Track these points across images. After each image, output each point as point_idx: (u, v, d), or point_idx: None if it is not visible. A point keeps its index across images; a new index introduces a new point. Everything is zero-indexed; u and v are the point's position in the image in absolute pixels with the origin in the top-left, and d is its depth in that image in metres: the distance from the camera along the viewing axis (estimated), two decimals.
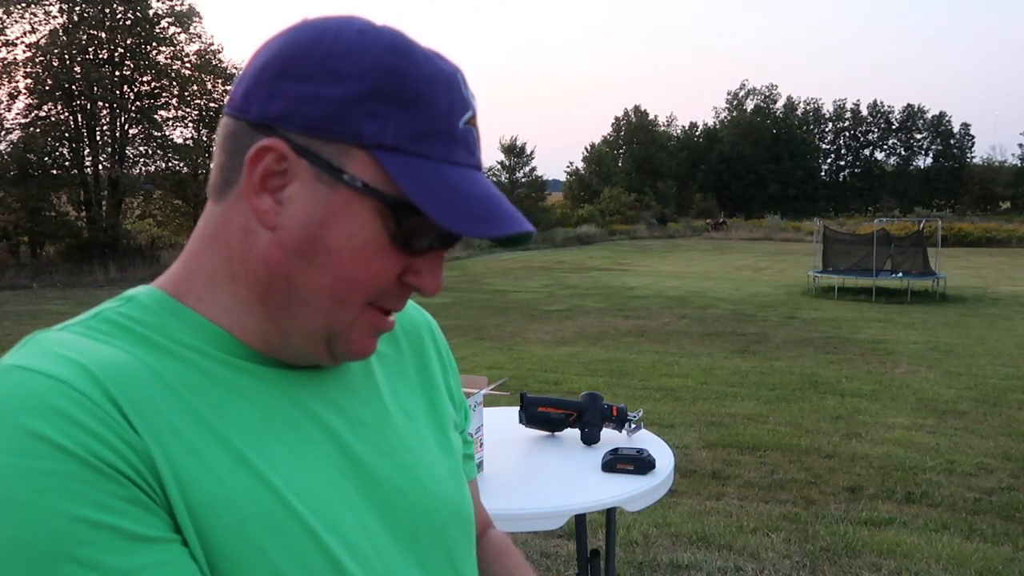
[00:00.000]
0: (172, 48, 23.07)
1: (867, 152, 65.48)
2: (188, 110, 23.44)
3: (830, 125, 66.04)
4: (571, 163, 64.43)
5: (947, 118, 64.00)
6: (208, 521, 0.60)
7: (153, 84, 22.89)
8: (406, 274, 0.68)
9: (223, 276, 0.69)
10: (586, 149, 53.79)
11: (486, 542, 0.97)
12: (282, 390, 0.69)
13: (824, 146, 65.94)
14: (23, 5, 20.82)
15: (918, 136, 64.72)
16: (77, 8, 21.50)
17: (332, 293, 0.66)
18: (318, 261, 0.65)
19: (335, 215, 0.64)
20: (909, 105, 65.51)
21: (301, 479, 0.66)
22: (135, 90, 22.69)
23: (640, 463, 1.99)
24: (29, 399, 0.57)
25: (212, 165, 0.70)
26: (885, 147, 65.26)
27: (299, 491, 0.65)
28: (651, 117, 60.81)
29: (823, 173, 65.30)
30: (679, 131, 64.38)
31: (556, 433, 2.29)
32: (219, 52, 23.97)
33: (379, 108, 0.63)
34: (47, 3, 21.20)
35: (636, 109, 60.10)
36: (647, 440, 2.25)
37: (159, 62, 22.77)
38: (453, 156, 0.66)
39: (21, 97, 21.17)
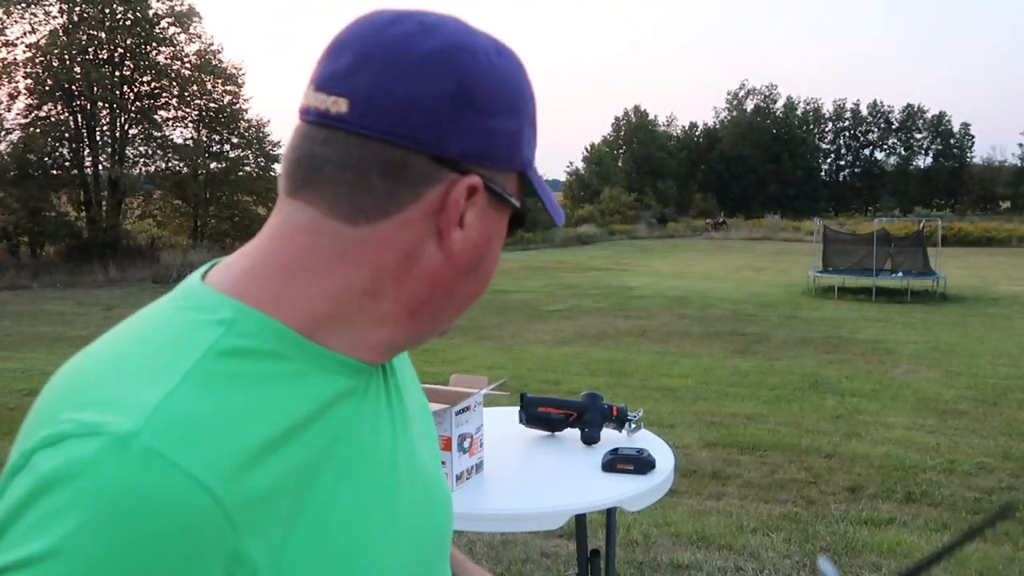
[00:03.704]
0: (172, 48, 23.08)
1: (867, 152, 65.48)
2: (188, 110, 23.45)
3: (830, 125, 66.05)
4: (571, 163, 64.46)
5: (947, 118, 64.01)
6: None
7: (153, 84, 22.90)
8: None
9: (359, 294, 0.65)
10: (586, 149, 53.85)
11: None
12: (373, 423, 0.68)
13: (824, 146, 65.93)
14: (23, 5, 20.83)
15: (918, 136, 64.70)
16: (77, 8, 21.51)
17: (475, 292, 0.73)
18: (480, 273, 0.71)
19: (498, 233, 0.71)
20: (909, 105, 65.50)
21: (374, 522, 0.65)
22: (135, 90, 22.70)
23: (640, 463, 1.99)
24: (163, 515, 0.49)
25: (342, 183, 0.63)
26: (885, 147, 65.26)
27: (371, 541, 0.64)
28: (651, 117, 60.83)
29: (823, 173, 65.29)
30: (679, 131, 64.40)
31: (556, 433, 2.29)
32: (219, 52, 23.99)
33: (531, 133, 0.71)
34: (47, 3, 21.23)
35: (636, 109, 60.14)
36: (647, 440, 2.25)
37: (159, 62, 22.77)
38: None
39: (21, 97, 21.21)
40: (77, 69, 21.04)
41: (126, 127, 22.55)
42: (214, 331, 0.60)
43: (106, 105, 21.80)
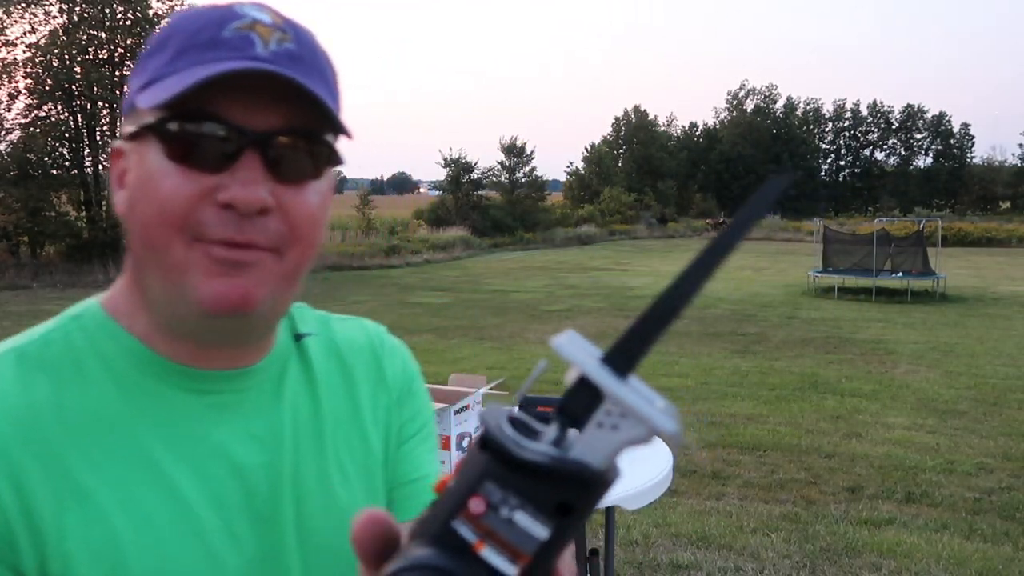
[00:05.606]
0: None
1: (867, 152, 65.46)
2: None
3: (830, 125, 66.03)
4: (571, 163, 64.26)
5: (947, 118, 63.97)
6: (83, 562, 0.64)
7: None
8: (218, 193, 0.64)
9: (128, 281, 0.74)
10: (586, 149, 53.71)
11: None
12: (195, 424, 0.70)
13: (824, 146, 65.92)
14: (23, 5, 20.81)
15: (918, 136, 64.68)
16: (77, 8, 21.50)
17: (144, 240, 0.67)
18: (132, 219, 0.68)
19: (133, 172, 0.68)
20: (909, 105, 65.43)
21: (187, 520, 0.68)
22: None
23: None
24: None
25: None
26: (885, 147, 65.23)
27: (166, 537, 0.67)
28: (651, 117, 60.73)
29: (823, 173, 65.26)
30: (679, 131, 64.36)
31: None
32: None
33: (143, 65, 0.69)
34: (47, 3, 21.20)
35: (636, 109, 60.04)
36: None
37: None
38: (212, 57, 0.64)
39: (21, 97, 21.16)
40: (77, 69, 21.03)
41: None
42: (64, 322, 0.73)
43: (106, 105, 21.78)
